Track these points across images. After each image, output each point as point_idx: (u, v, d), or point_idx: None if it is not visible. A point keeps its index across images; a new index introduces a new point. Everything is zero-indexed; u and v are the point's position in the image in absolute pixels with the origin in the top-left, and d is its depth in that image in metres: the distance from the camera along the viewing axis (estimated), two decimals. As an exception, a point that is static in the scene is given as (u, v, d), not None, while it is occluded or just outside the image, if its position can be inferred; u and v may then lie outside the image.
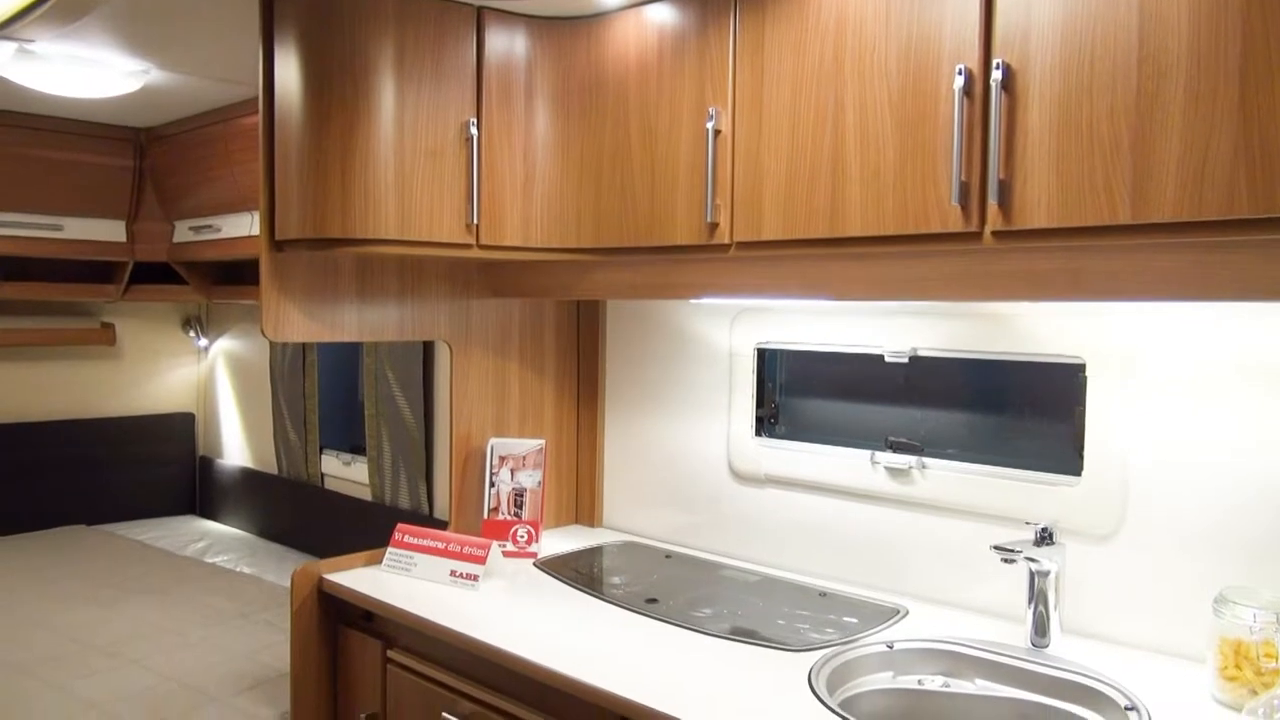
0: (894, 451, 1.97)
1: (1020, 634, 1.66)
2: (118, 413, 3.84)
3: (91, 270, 3.52)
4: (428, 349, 2.90)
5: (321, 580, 2.03)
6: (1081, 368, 1.71)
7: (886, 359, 1.97)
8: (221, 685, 2.20)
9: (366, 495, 3.18)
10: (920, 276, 1.57)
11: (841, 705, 1.50)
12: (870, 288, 1.64)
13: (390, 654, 1.93)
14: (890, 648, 1.67)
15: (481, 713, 1.73)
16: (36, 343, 3.55)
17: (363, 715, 1.95)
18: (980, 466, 1.85)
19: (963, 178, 1.42)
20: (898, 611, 1.83)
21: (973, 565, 1.85)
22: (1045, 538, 1.62)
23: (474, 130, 1.89)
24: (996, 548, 1.59)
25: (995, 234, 1.42)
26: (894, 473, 1.95)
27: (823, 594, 1.96)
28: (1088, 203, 1.32)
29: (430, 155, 1.86)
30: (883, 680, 1.64)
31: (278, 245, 1.95)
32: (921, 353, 1.93)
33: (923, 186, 1.48)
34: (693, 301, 2.10)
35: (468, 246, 1.93)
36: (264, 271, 1.96)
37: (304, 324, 2.03)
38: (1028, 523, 1.66)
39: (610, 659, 1.59)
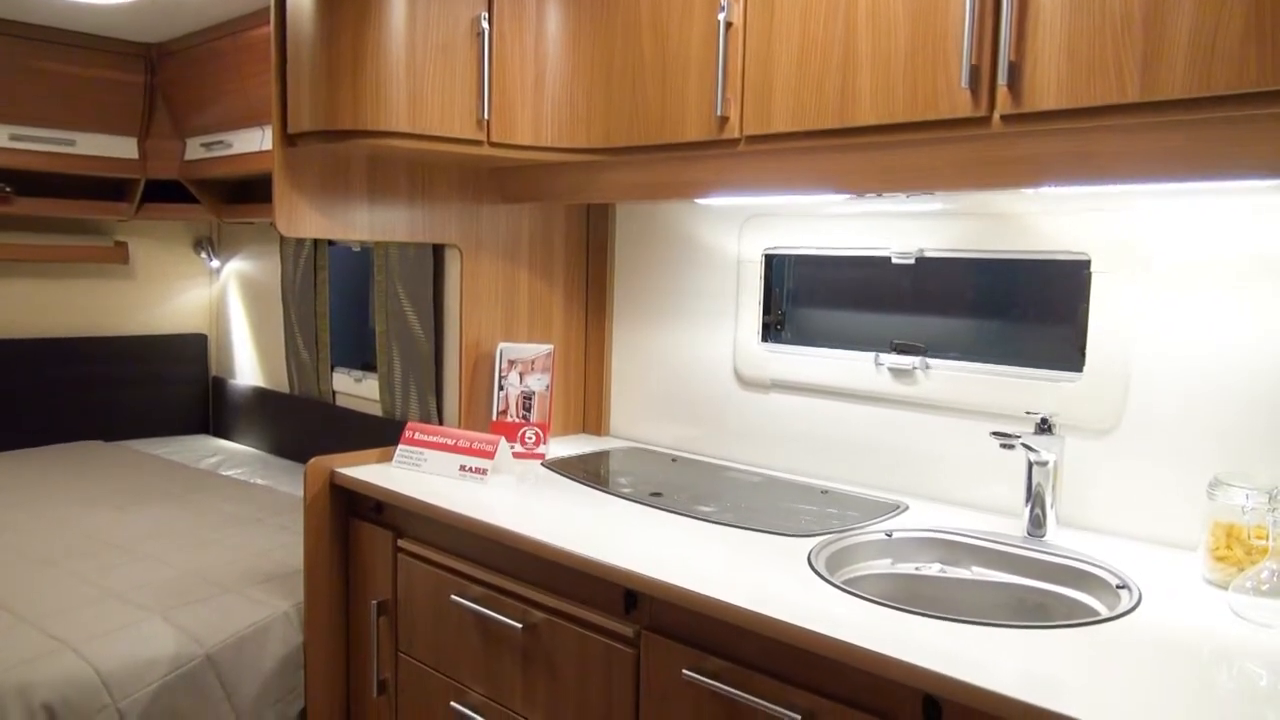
0: (898, 354, 1.99)
1: (1018, 528, 1.70)
2: (131, 331, 3.88)
3: (104, 188, 3.54)
4: (438, 264, 2.91)
5: (334, 474, 2.07)
6: (1086, 264, 1.72)
7: (894, 260, 1.99)
8: (237, 578, 2.26)
9: (377, 411, 3.22)
10: (929, 165, 1.58)
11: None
12: (879, 179, 1.64)
13: (400, 543, 1.98)
14: (889, 536, 1.70)
15: (490, 595, 1.78)
16: (51, 259, 3.58)
17: (374, 602, 2.01)
18: (983, 365, 1.87)
19: (973, 61, 1.43)
20: (897, 507, 1.87)
21: (973, 464, 1.88)
22: (1045, 427, 1.64)
23: (485, 25, 1.89)
24: (995, 434, 1.62)
25: (1004, 118, 1.42)
26: (897, 374, 1.98)
27: (824, 491, 2.00)
28: (1097, 82, 1.32)
29: (442, 50, 1.86)
30: (881, 566, 1.68)
31: (290, 139, 1.96)
32: (928, 254, 1.94)
33: (933, 72, 1.48)
34: (702, 203, 2.10)
35: (479, 144, 1.94)
36: (277, 165, 1.97)
37: (316, 220, 2.04)
38: (1028, 412, 1.69)
39: (616, 541, 1.63)
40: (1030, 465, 1.66)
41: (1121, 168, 1.38)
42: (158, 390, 3.94)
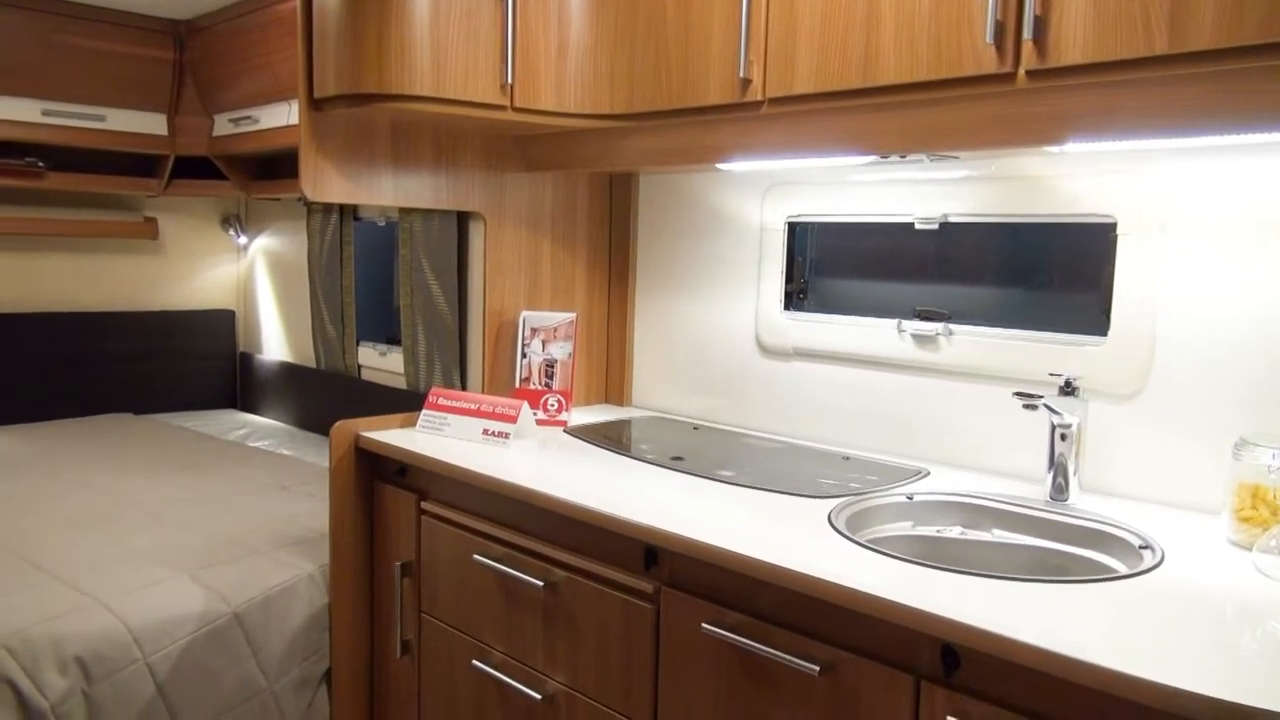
0: (921, 320, 1.98)
1: (1040, 493, 1.69)
2: (161, 307, 3.93)
3: (134, 164, 3.58)
4: (462, 237, 2.93)
5: (358, 437, 2.10)
6: (1112, 226, 1.70)
7: (917, 226, 1.98)
8: (263, 541, 2.29)
9: (401, 384, 3.25)
10: (952, 124, 1.57)
11: (860, 541, 1.54)
12: (902, 139, 1.64)
13: (424, 505, 2.00)
14: (910, 499, 1.70)
15: (512, 554, 1.80)
16: (83, 234, 3.63)
17: (397, 563, 2.03)
18: (1006, 330, 1.86)
19: (998, 16, 1.42)
20: (919, 472, 1.86)
21: (996, 431, 1.87)
22: (1068, 390, 1.63)
23: (509, -11, 1.89)
24: (1018, 394, 1.61)
25: (1029, 73, 1.41)
26: (920, 340, 1.97)
27: (845, 457, 1.99)
28: (1124, 35, 1.31)
29: (466, 13, 1.87)
30: (902, 528, 1.67)
31: (316, 104, 1.98)
32: (952, 219, 1.93)
33: (957, 28, 1.47)
34: (724, 168, 2.10)
35: (502, 109, 1.95)
36: (303, 130, 1.99)
37: (342, 185, 2.06)
38: (1051, 374, 1.68)
39: (636, 500, 1.64)
40: (1053, 429, 1.65)
41: (1148, 122, 1.37)
42: (186, 365, 3.99)
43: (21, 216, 3.49)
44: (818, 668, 1.30)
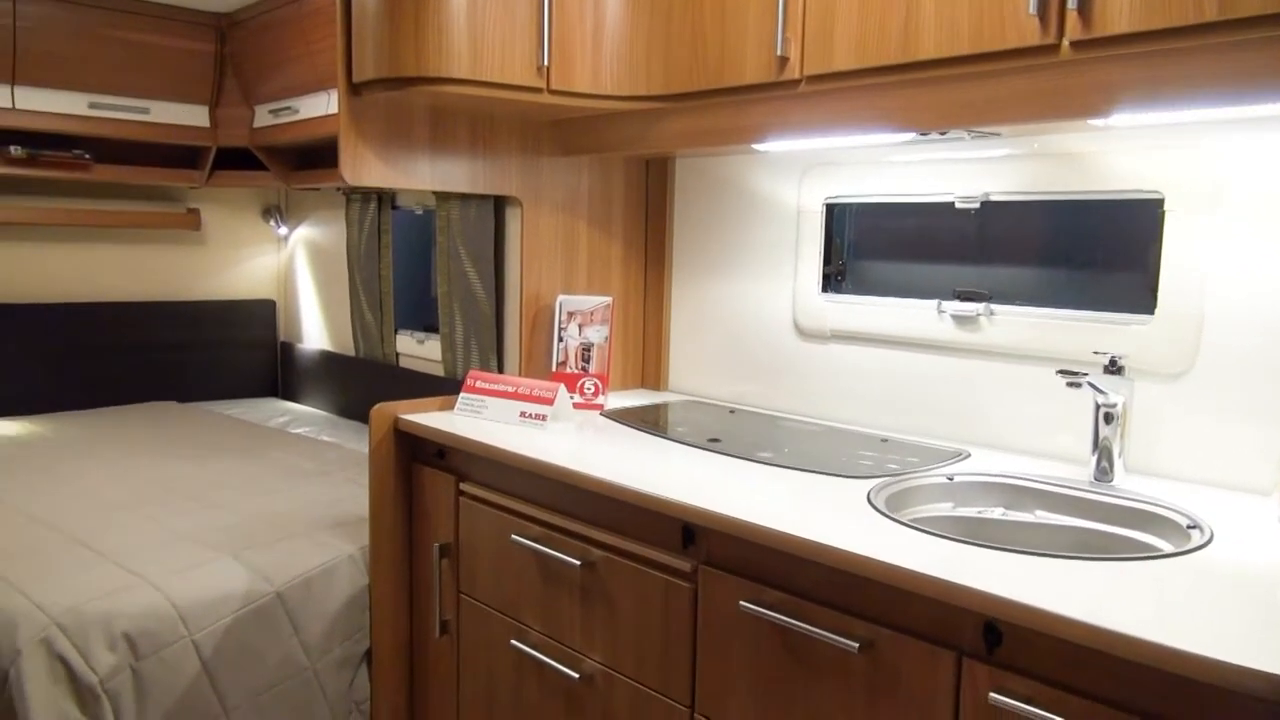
0: (961, 301, 1.96)
1: (1084, 475, 1.66)
2: (203, 297, 4.00)
3: (177, 156, 3.64)
4: (499, 224, 2.94)
5: (397, 419, 2.11)
6: (1160, 203, 1.67)
7: (957, 206, 1.95)
8: (305, 524, 2.33)
9: (439, 371, 3.27)
10: (995, 99, 1.54)
11: (900, 521, 1.52)
12: (943, 115, 1.62)
13: (462, 487, 2.01)
14: (950, 480, 1.68)
15: (550, 535, 1.80)
16: (128, 224, 3.70)
17: (436, 545, 2.05)
18: (1049, 310, 1.83)
19: (1042, -14, 1.39)
20: (959, 454, 1.84)
21: (1038, 413, 1.85)
22: (1114, 368, 1.60)
23: (545, -29, 1.90)
24: (1062, 371, 1.58)
25: (1074, 44, 1.39)
26: (961, 321, 1.95)
27: (884, 440, 1.98)
28: (1172, 2, 1.28)
29: (502, -4, 1.88)
30: (942, 509, 1.66)
31: (355, 89, 1.99)
32: (994, 198, 1.90)
33: (999, 0, 1.45)
34: (761, 149, 2.09)
35: (538, 91, 1.95)
36: (342, 115, 2.01)
37: (380, 169, 2.08)
38: (1096, 352, 1.65)
39: (675, 480, 1.63)
40: (1097, 408, 1.62)
41: (1198, 92, 1.34)
42: (228, 354, 4.05)
43: (69, 208, 3.57)
44: (857, 645, 1.29)
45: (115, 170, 3.50)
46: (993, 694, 1.16)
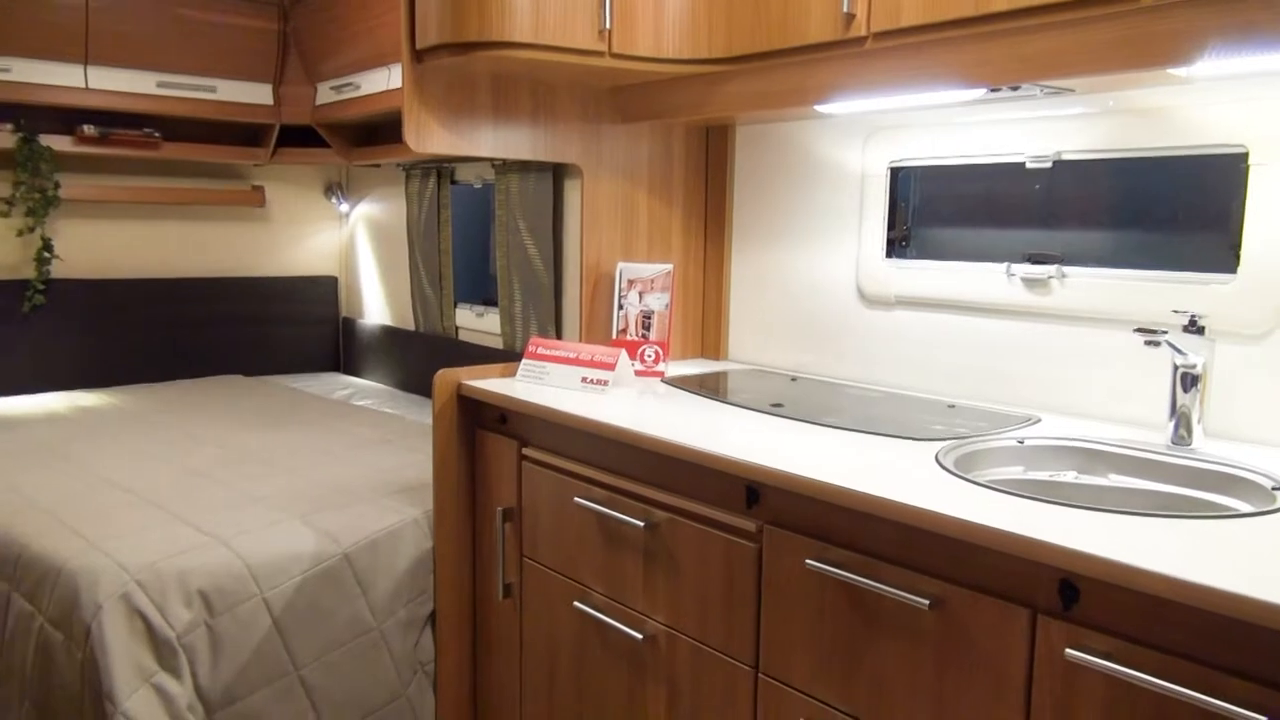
0: (1031, 264, 1.91)
1: (1160, 440, 1.62)
2: (268, 273, 4.07)
3: (241, 133, 3.71)
4: (557, 196, 2.95)
5: (460, 385, 2.14)
6: (1244, 157, 1.61)
7: (1028, 166, 1.90)
8: (370, 489, 2.37)
9: (498, 344, 3.30)
10: (1070, 49, 1.50)
11: (969, 482, 1.50)
12: (1015, 68, 1.57)
13: (524, 451, 2.03)
14: (1021, 443, 1.65)
15: (612, 497, 1.81)
16: (196, 202, 3.79)
17: (499, 509, 2.07)
18: (1124, 270, 1.78)
19: (1122, -71, 1.35)
20: (1029, 419, 1.81)
21: (1113, 376, 1.80)
22: (1193, 328, 1.55)
23: (607, -67, 1.89)
24: (1139, 330, 1.54)
25: (1156, -12, 1.34)
26: (1031, 284, 1.90)
27: (950, 405, 1.95)
28: (1263, -60, 1.23)
29: (564, -41, 1.87)
30: (1013, 472, 1.62)
31: (418, 56, 2.01)
32: (1066, 156, 1.85)
33: (1077, -55, 1.40)
34: (824, 111, 2.06)
35: (600, 55, 1.95)
36: (406, 82, 2.03)
37: (443, 136, 2.09)
38: (1175, 311, 1.60)
39: (738, 441, 1.63)
40: (1175, 370, 1.57)
41: (1289, 34, 1.28)
42: (292, 330, 4.13)
43: (139, 185, 3.66)
44: (928, 602, 1.28)
45: (183, 148, 3.58)
46: (1069, 650, 1.13)
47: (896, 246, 2.18)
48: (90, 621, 1.85)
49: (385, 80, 3.15)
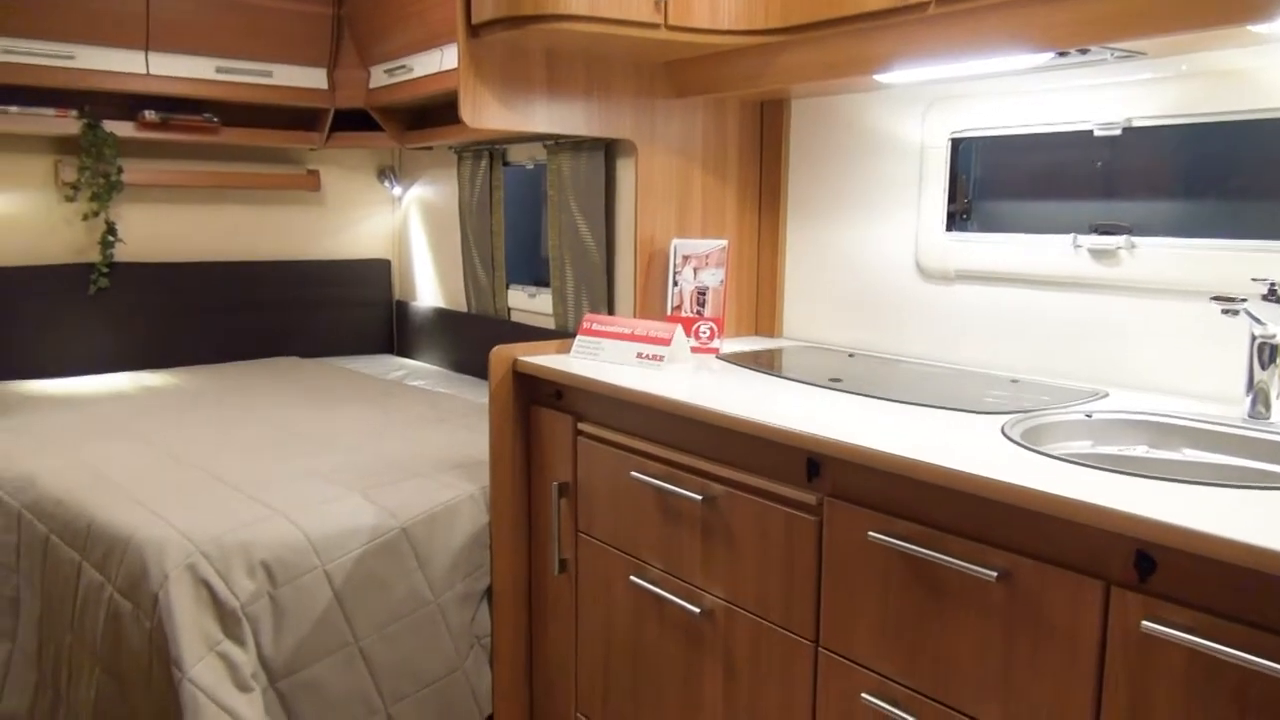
0: (1099, 235, 1.86)
1: (1235, 414, 1.56)
2: (322, 256, 4.13)
3: (297, 118, 3.75)
4: (609, 175, 2.94)
5: (516, 362, 2.14)
6: (1327, 119, 1.55)
7: (1096, 134, 1.85)
8: (427, 466, 2.39)
9: (550, 325, 3.30)
10: (1142, 7, 1.45)
11: (1037, 454, 1.46)
12: (1085, 30, 1.53)
13: (580, 426, 2.03)
14: (1089, 417, 1.61)
15: (670, 471, 1.80)
16: (254, 186, 3.84)
17: (555, 484, 2.07)
18: (1198, 240, 1.72)
19: (1202, -120, 1.30)
20: (1096, 393, 1.76)
21: (1185, 349, 1.75)
22: (1274, 296, 1.50)
23: (663, -98, 1.87)
24: (1216, 298, 1.49)
25: (1238, -59, 1.29)
26: (1099, 255, 1.85)
27: (1014, 380, 1.91)
28: (1355, -115, 1.18)
29: (619, -70, 1.86)
30: (1080, 447, 1.59)
31: (474, 31, 2.01)
32: (1137, 123, 1.80)
33: (1154, -102, 1.36)
34: (884, 80, 2.02)
35: (655, 27, 1.93)
36: (461, 57, 2.03)
37: (499, 112, 2.10)
38: (1255, 279, 1.55)
39: (798, 414, 1.61)
40: (1253, 340, 1.52)
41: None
42: (346, 312, 4.18)
43: (198, 170, 3.72)
44: (995, 574, 1.25)
45: (241, 133, 3.63)
46: (1146, 622, 1.10)
47: (957, 220, 2.14)
48: (158, 591, 1.89)
49: (438, 62, 3.17)
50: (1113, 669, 1.15)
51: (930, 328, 2.17)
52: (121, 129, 3.40)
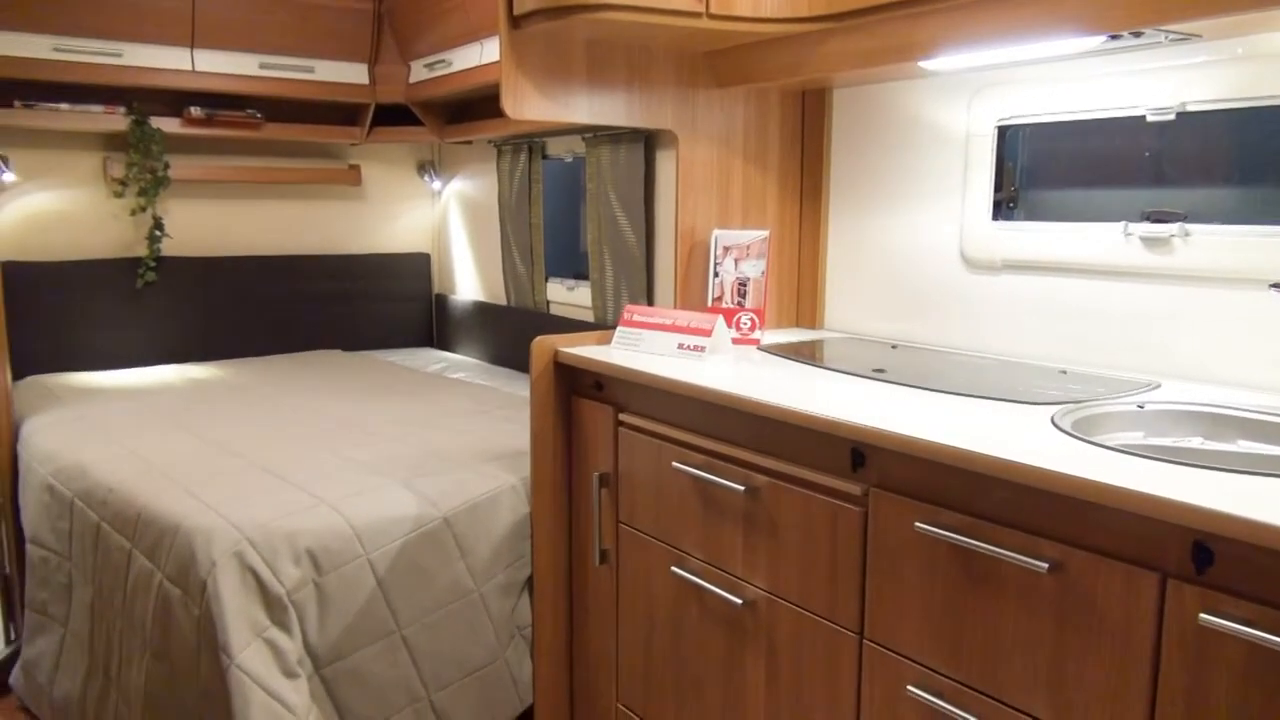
0: (1151, 222, 1.82)
1: (1295, 402, 1.53)
2: (363, 251, 4.16)
3: (338, 113, 3.79)
4: (649, 167, 2.94)
5: (557, 352, 2.14)
6: (1392, 101, 1.50)
7: (1148, 119, 1.81)
8: (468, 456, 2.40)
9: (589, 317, 3.31)
10: (1201, -12, 1.42)
11: (1088, 445, 1.44)
12: (1139, 11, 1.49)
13: (621, 417, 2.03)
14: (1141, 408, 1.58)
15: (711, 462, 1.79)
16: (298, 181, 3.89)
17: (596, 474, 2.07)
18: (1257, 226, 1.68)
19: None
20: (1149, 384, 1.73)
21: (1242, 340, 1.71)
22: (1335, 283, 1.46)
23: (705, -110, 1.85)
24: (1276, 285, 1.45)
25: (1300, -83, 1.25)
26: (1151, 243, 1.81)
27: (1063, 371, 1.87)
28: None
29: (661, -82, 1.85)
30: (1132, 438, 1.56)
31: (515, 22, 2.01)
32: (1191, 107, 1.76)
33: (1212, -125, 1.32)
34: (929, 67, 1.99)
35: (697, 16, 1.92)
36: (503, 48, 2.03)
37: (540, 103, 2.10)
38: (1315, 266, 1.51)
39: (842, 404, 1.59)
40: (1314, 329, 1.48)
41: None
42: (387, 306, 4.22)
43: (242, 165, 3.77)
44: (1046, 565, 1.23)
45: (283, 128, 3.67)
46: (1203, 615, 1.08)
47: (1003, 209, 2.11)
48: (206, 578, 1.92)
49: (478, 55, 3.18)
50: (1169, 663, 1.13)
51: (975, 318, 2.14)
52: (168, 125, 3.46)
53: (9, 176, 3.39)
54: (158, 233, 3.59)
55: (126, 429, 2.67)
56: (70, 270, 3.50)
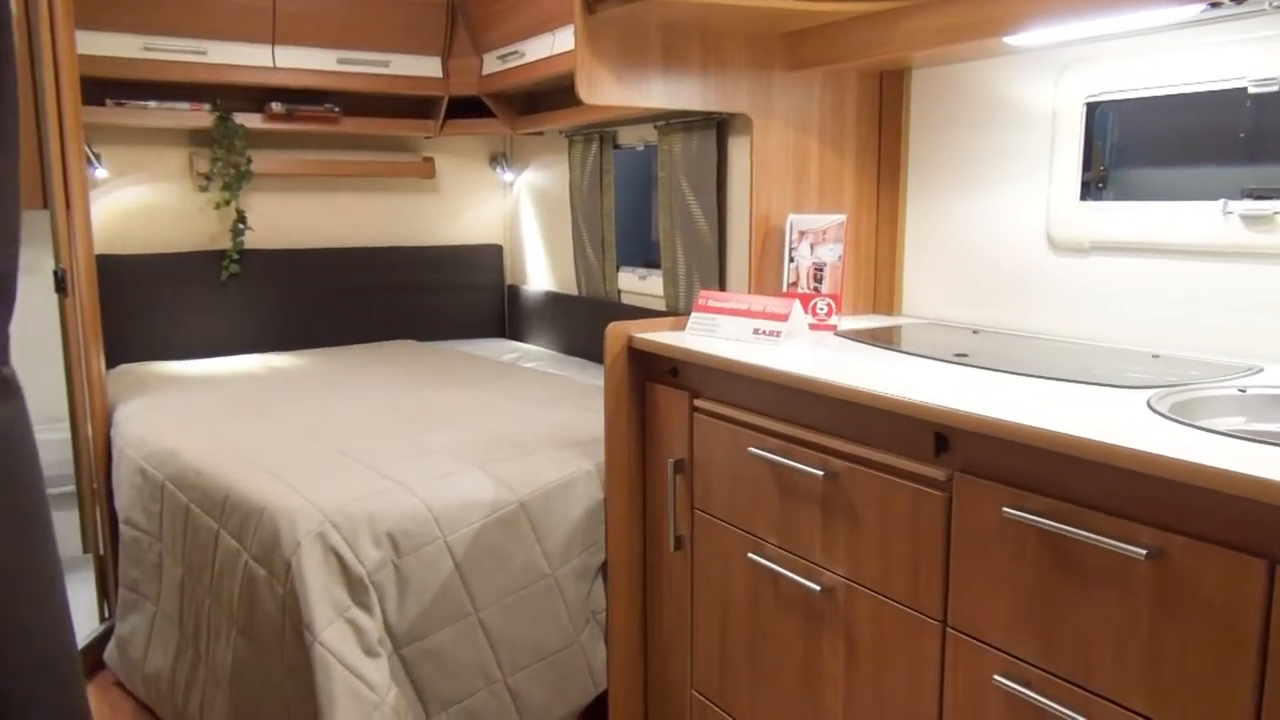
0: (1253, 199, 1.74)
1: None
2: (436, 242, 4.22)
3: (412, 106, 3.85)
4: (721, 154, 2.92)
5: (631, 338, 2.14)
6: None
7: (1251, 90, 1.73)
8: (542, 443, 2.41)
9: (661, 306, 3.30)
10: (1311, -51, 1.34)
11: (1186, 429, 1.38)
12: (1242, -24, 1.43)
13: (696, 403, 2.01)
14: (1242, 392, 1.51)
15: (789, 447, 1.77)
16: (372, 174, 3.96)
17: (670, 461, 2.07)
18: (1368, 202, 1.60)
19: None
20: (1250, 368, 1.65)
21: (1349, 318, 1.62)
22: None
23: None
24: (1394, 261, 1.37)
25: None
26: (1252, 221, 1.73)
27: (1156, 355, 1.80)
28: None
29: (738, -103, 1.83)
30: (1234, 423, 1.49)
31: (590, 7, 2.01)
32: (1297, 78, 1.67)
33: None
34: (1015, 43, 1.93)
35: (774, -5, 1.89)
36: (578, 34, 2.03)
37: (615, 88, 2.09)
38: None
39: (924, 387, 1.55)
40: None
41: None
42: (460, 297, 4.27)
43: (320, 159, 3.85)
44: (1145, 552, 1.18)
45: (360, 122, 3.75)
46: (1318, 604, 1.02)
47: (1091, 189, 2.04)
48: (290, 558, 1.96)
49: (550, 45, 3.19)
50: (1277, 654, 1.08)
51: (1062, 302, 2.07)
52: (250, 121, 3.55)
53: (101, 173, 3.52)
54: (241, 226, 3.69)
55: (213, 415, 2.76)
56: (159, 263, 3.62)
